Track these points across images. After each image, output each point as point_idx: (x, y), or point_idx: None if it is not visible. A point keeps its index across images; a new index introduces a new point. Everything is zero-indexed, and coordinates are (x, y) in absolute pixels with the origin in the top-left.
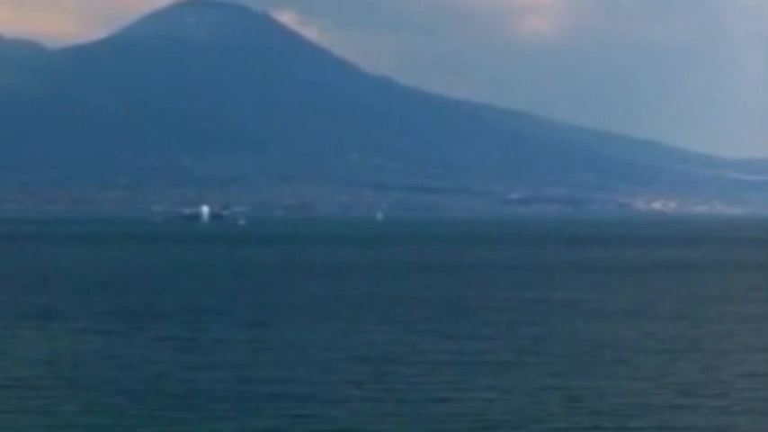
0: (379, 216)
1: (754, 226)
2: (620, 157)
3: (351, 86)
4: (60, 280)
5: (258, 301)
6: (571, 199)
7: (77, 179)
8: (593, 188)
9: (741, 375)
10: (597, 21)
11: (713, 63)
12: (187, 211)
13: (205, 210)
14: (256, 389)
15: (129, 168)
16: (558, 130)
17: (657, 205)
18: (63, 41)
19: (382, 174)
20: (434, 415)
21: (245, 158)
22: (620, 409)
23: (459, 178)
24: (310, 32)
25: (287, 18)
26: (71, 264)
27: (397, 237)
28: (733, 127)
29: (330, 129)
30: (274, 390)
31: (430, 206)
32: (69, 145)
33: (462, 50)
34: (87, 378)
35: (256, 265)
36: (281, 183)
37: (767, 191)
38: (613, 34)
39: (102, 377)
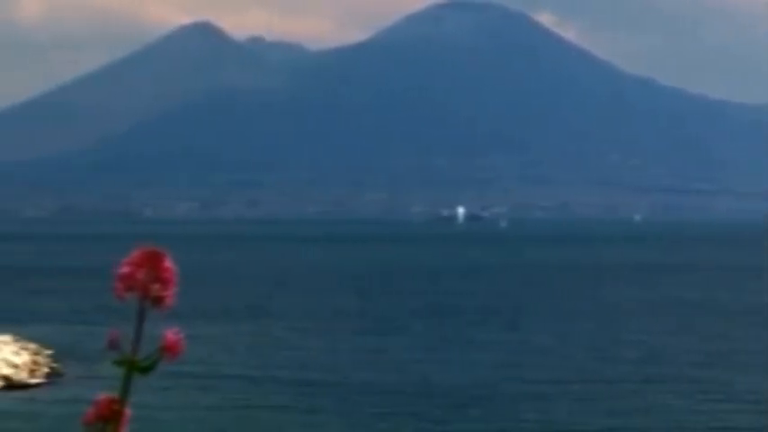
0: (637, 218)
1: None
2: None
3: (610, 87)
4: (317, 281)
5: (519, 303)
6: None
7: (335, 180)
8: None
9: None
10: None
11: None
12: (445, 212)
13: (461, 211)
14: (514, 389)
15: (386, 170)
16: None
17: None
18: (323, 44)
19: (642, 175)
20: (687, 416)
21: (503, 159)
22: None
23: (722, 179)
24: (568, 33)
25: (544, 19)
26: (329, 265)
27: (653, 239)
28: None
29: (589, 129)
30: (532, 390)
31: (691, 208)
32: (328, 146)
33: (723, 49)
34: (348, 377)
35: (519, 265)
36: (539, 184)
37: None
38: None
39: (362, 377)
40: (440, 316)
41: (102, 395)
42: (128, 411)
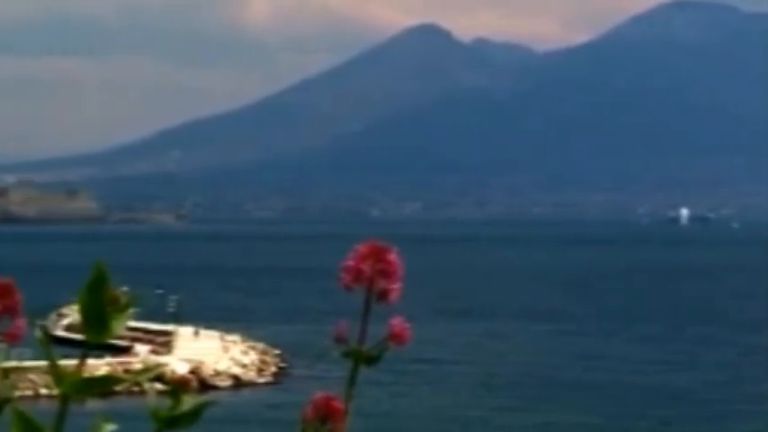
0: None
1: None
2: None
3: None
4: (541, 281)
5: (748, 303)
6: None
7: (562, 181)
8: None
9: None
10: None
11: None
12: (672, 213)
13: (684, 212)
14: (743, 390)
15: (614, 171)
16: None
17: None
18: (550, 44)
19: None
20: None
21: (735, 160)
22: None
23: None
24: None
25: None
26: (555, 265)
27: None
28: None
29: None
30: (759, 392)
31: None
32: (554, 147)
33: None
34: (569, 377)
35: (751, 269)
36: None
37: None
38: None
39: (583, 376)
40: (664, 318)
41: (321, 393)
42: (346, 408)
